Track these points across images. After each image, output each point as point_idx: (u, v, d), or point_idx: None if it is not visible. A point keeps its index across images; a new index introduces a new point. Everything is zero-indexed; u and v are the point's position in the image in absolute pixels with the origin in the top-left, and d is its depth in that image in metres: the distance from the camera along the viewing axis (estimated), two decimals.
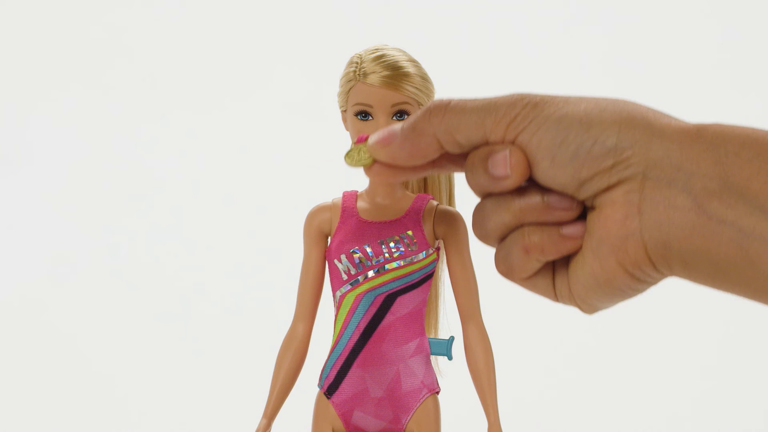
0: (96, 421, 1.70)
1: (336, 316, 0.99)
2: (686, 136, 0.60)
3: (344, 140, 0.99)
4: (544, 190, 0.64)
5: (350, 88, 0.95)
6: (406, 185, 1.01)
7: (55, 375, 1.82)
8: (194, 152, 2.05)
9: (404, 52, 0.96)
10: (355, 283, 0.97)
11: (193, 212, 2.00)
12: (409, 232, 0.97)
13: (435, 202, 0.99)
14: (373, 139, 0.70)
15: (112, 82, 2.07)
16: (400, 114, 0.95)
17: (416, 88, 0.95)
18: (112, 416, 1.71)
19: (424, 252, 0.97)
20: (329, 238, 0.99)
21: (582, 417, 1.82)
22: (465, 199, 1.06)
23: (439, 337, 1.02)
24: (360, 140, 0.71)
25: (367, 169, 0.69)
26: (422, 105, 0.96)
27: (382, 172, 0.68)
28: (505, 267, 0.67)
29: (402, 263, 0.97)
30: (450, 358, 1.00)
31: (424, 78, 0.96)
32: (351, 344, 0.97)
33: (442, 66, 1.13)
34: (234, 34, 2.06)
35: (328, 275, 1.00)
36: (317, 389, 0.99)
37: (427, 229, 0.98)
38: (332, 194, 1.01)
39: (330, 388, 0.98)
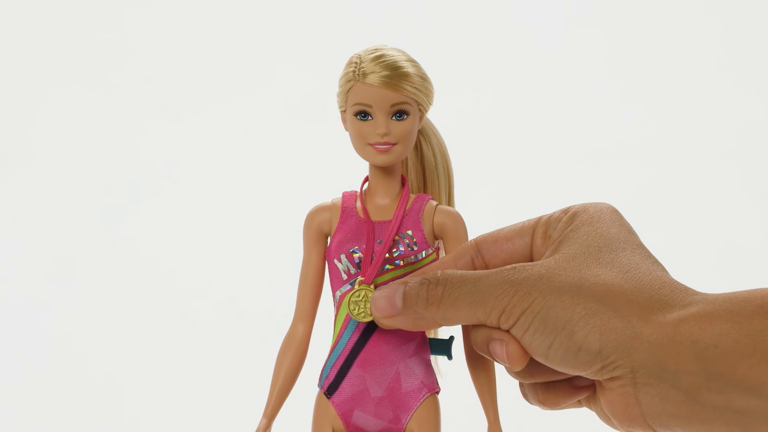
0: (97, 420, 1.70)
1: (336, 315, 0.99)
2: (665, 335, 0.62)
3: (345, 140, 0.99)
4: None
5: (349, 88, 0.96)
6: (404, 184, 1.01)
7: (57, 376, 1.82)
8: (197, 153, 2.05)
9: (403, 52, 0.97)
10: (354, 283, 0.97)
11: (194, 213, 2.00)
12: (409, 232, 0.97)
13: (434, 202, 0.99)
14: (375, 308, 0.75)
15: (115, 83, 2.07)
16: (400, 114, 0.95)
17: (415, 88, 0.95)
18: (113, 416, 1.71)
19: (424, 252, 0.97)
20: (329, 238, 0.99)
21: (582, 416, 1.82)
22: (465, 199, 1.06)
23: (439, 337, 1.03)
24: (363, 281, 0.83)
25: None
26: (421, 105, 0.97)
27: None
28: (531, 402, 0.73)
29: (402, 263, 0.97)
30: (450, 357, 1.00)
31: (424, 78, 0.96)
32: (351, 344, 0.97)
33: (441, 66, 1.13)
34: (238, 35, 2.06)
35: (328, 275, 1.00)
36: (317, 389, 0.99)
37: (427, 228, 0.98)
38: (333, 194, 1.02)
39: (330, 387, 0.98)
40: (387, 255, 0.96)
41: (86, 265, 1.97)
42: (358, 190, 1.00)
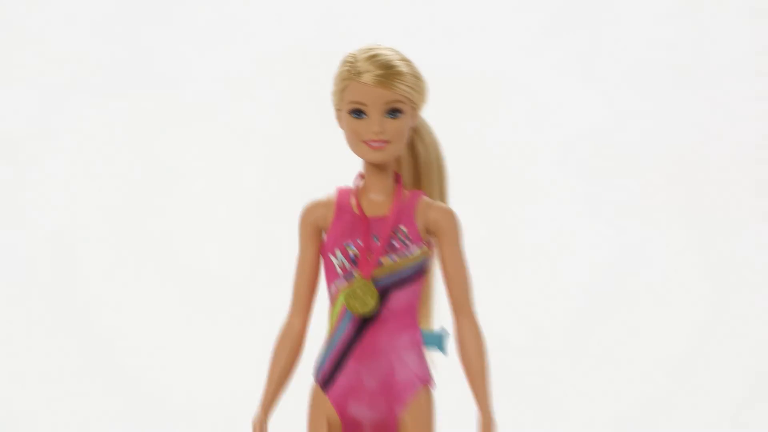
0: (97, 411, 1.71)
1: (331, 309, 1.00)
2: None
3: (340, 138, 1.01)
4: None
5: (345, 87, 0.97)
6: (398, 181, 1.02)
7: (59, 373, 1.83)
8: (196, 153, 2.05)
9: (397, 51, 0.98)
10: (349, 278, 0.99)
11: (193, 210, 2.00)
12: (403, 228, 0.99)
13: (427, 199, 1.01)
14: None
15: (115, 83, 2.07)
16: (394, 112, 0.97)
17: (409, 86, 0.97)
18: (114, 405, 1.72)
19: (417, 247, 0.99)
20: (324, 233, 1.01)
21: (572, 409, 1.83)
22: (458, 196, 1.08)
23: (433, 331, 1.04)
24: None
25: None
26: (415, 103, 0.98)
27: None
28: None
29: (396, 258, 0.98)
30: (444, 352, 1.01)
31: (417, 77, 0.98)
32: (346, 337, 0.99)
33: (437, 65, 1.14)
34: (237, 36, 2.07)
35: (323, 269, 1.02)
36: (313, 381, 1.01)
37: (420, 225, 0.99)
38: (328, 189, 1.03)
39: (325, 380, 1.00)
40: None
41: (87, 265, 1.98)
42: (353, 186, 1.02)
